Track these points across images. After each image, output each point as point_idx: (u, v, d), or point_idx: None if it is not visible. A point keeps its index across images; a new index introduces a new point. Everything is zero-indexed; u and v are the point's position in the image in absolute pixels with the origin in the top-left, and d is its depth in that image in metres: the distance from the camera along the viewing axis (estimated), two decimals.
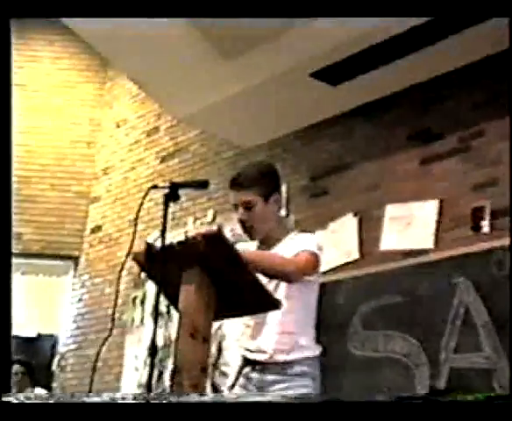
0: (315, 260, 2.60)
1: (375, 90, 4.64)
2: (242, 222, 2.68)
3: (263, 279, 2.51)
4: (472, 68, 4.31)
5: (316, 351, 2.66)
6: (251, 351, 2.66)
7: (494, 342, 3.83)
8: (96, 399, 1.79)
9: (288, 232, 2.76)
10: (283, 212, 4.96)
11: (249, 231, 2.69)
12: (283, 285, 2.61)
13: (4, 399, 1.80)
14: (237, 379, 2.66)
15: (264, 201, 2.66)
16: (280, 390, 2.54)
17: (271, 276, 2.58)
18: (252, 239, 2.72)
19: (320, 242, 2.70)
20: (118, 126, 6.93)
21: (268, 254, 2.62)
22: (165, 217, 2.37)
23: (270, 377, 2.59)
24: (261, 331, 2.64)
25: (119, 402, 1.75)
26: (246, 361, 2.67)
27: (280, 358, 2.59)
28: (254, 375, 2.62)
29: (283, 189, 5.11)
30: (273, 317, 2.60)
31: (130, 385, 5.60)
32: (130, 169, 6.64)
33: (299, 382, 2.57)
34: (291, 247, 2.63)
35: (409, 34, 4.07)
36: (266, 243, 2.71)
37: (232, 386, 2.66)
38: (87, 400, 1.80)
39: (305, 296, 2.65)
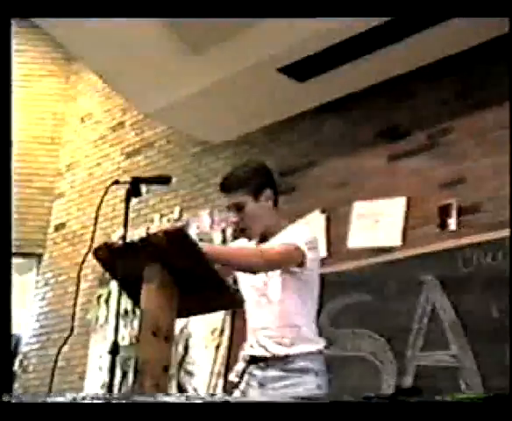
0: (295, 253, 2.57)
1: (343, 87, 4.63)
2: (236, 224, 2.69)
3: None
4: (439, 65, 4.32)
5: (319, 344, 2.64)
6: (253, 347, 2.65)
7: (460, 340, 3.84)
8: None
9: (286, 225, 2.73)
10: None
11: (244, 232, 2.69)
12: (276, 278, 2.60)
13: (4, 399, 1.80)
14: (241, 377, 2.64)
15: (254, 199, 2.66)
16: (282, 388, 2.52)
17: (236, 269, 2.57)
18: (249, 239, 2.72)
19: (311, 235, 2.68)
20: (83, 121, 6.83)
21: (232, 248, 2.63)
22: (126, 213, 2.35)
23: (272, 373, 2.57)
24: (262, 326, 2.63)
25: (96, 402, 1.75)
26: (250, 359, 2.65)
27: (283, 351, 2.58)
28: (257, 372, 2.61)
29: None
30: (271, 310, 2.60)
31: (94, 385, 5.52)
32: (95, 165, 6.56)
33: (301, 379, 2.54)
34: (284, 240, 2.62)
35: (377, 30, 4.07)
36: (264, 240, 2.70)
37: (237, 385, 2.64)
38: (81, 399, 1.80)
39: (300, 287, 2.62)
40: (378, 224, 4.40)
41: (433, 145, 4.32)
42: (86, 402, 1.75)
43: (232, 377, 2.70)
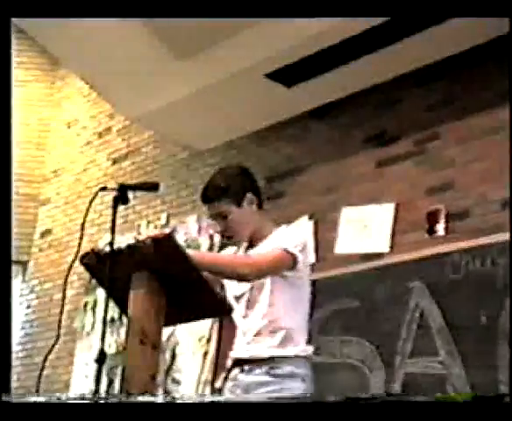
0: (285, 257, 2.53)
1: (331, 92, 4.62)
2: (222, 233, 2.67)
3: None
4: (427, 70, 4.32)
5: (307, 349, 2.60)
6: (239, 349, 2.62)
7: (448, 346, 3.83)
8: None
9: (274, 228, 2.71)
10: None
11: (231, 239, 2.67)
12: (267, 281, 2.57)
13: (4, 399, 1.80)
14: (225, 381, 2.62)
15: (237, 206, 2.62)
16: (266, 394, 2.46)
17: (225, 277, 2.55)
18: (237, 246, 2.70)
19: (302, 237, 2.65)
20: (69, 127, 6.79)
21: (221, 256, 2.60)
22: (113, 219, 2.33)
23: (257, 378, 2.53)
24: (250, 329, 2.60)
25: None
26: (235, 362, 2.62)
27: (268, 353, 2.54)
28: (242, 377, 2.57)
29: None
30: (260, 313, 2.57)
31: (79, 393, 5.46)
32: (81, 171, 6.52)
33: (287, 385, 2.50)
34: (274, 244, 2.59)
35: (365, 36, 4.06)
36: (253, 244, 2.67)
37: (220, 389, 2.64)
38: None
39: (291, 290, 2.59)
40: (366, 229, 4.39)
41: (421, 150, 4.32)
42: (86, 402, 1.77)
43: (219, 384, 2.68)
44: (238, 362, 2.61)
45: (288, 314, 2.58)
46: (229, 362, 2.66)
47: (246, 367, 2.57)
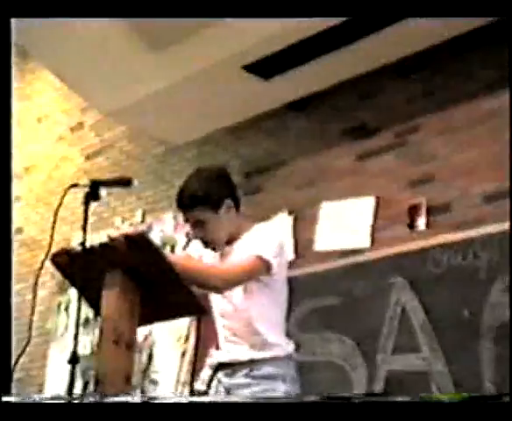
0: (259, 265, 2.52)
1: (309, 84, 4.57)
2: (201, 239, 2.62)
3: None
4: (407, 62, 4.27)
5: (287, 349, 2.59)
6: (219, 354, 2.62)
7: (431, 342, 3.80)
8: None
9: (251, 225, 2.67)
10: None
11: (210, 245, 2.63)
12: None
13: (4, 399, 1.81)
14: (209, 386, 2.61)
15: (214, 213, 2.58)
16: (248, 396, 2.47)
17: (196, 285, 2.48)
18: (214, 250, 2.65)
19: (277, 240, 2.62)
20: (40, 122, 6.68)
21: (195, 263, 2.54)
22: (85, 217, 2.28)
23: (238, 380, 2.53)
24: (227, 333, 2.60)
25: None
26: (217, 365, 2.61)
27: (247, 356, 2.53)
28: (225, 380, 2.57)
29: None
30: (236, 317, 2.57)
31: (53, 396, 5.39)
32: (53, 167, 6.41)
33: (267, 386, 2.49)
34: (248, 248, 2.56)
35: (344, 26, 4.01)
36: (229, 242, 2.65)
37: (205, 393, 2.60)
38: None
39: (265, 293, 2.57)
40: (346, 224, 4.35)
41: (401, 143, 4.29)
42: (86, 401, 1.80)
43: (199, 385, 2.66)
44: (219, 366, 2.61)
45: (265, 315, 2.57)
46: (209, 366, 2.65)
47: (228, 370, 2.57)
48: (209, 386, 2.61)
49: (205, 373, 2.66)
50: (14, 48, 6.56)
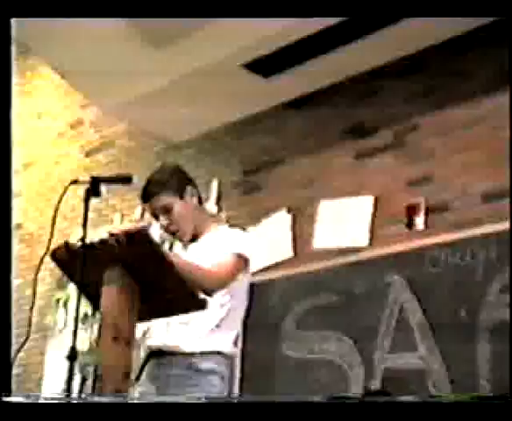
0: (242, 263, 2.55)
1: (308, 83, 4.57)
2: (166, 228, 2.66)
3: None
4: (406, 61, 4.27)
5: (230, 349, 2.59)
6: (157, 343, 2.58)
7: (428, 341, 3.80)
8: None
9: (216, 224, 2.73)
10: (214, 208, 4.84)
11: (176, 234, 2.66)
12: None
13: (4, 399, 1.81)
14: (140, 373, 2.57)
15: (180, 198, 2.64)
16: (186, 388, 2.45)
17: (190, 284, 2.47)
18: (182, 242, 2.68)
19: (251, 241, 2.65)
20: (40, 118, 6.66)
21: (191, 263, 2.49)
22: (86, 213, 2.29)
23: (176, 371, 2.51)
24: (170, 324, 2.57)
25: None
26: (151, 354, 2.58)
27: (189, 347, 2.52)
28: (160, 371, 2.54)
29: (214, 184, 4.99)
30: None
31: (51, 392, 5.38)
32: (53, 164, 6.40)
33: (206, 380, 2.49)
34: (217, 243, 2.58)
35: (343, 26, 4.01)
36: (195, 238, 2.67)
37: (137, 379, 2.56)
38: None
39: (231, 291, 2.57)
40: (345, 223, 4.35)
41: (400, 142, 4.28)
42: (86, 402, 1.83)
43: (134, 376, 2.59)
44: (155, 353, 2.57)
45: (217, 310, 2.55)
46: (144, 352, 2.61)
47: (164, 360, 2.54)
48: (140, 374, 2.56)
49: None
50: (14, 45, 6.56)
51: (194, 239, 2.67)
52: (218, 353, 2.55)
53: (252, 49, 4.29)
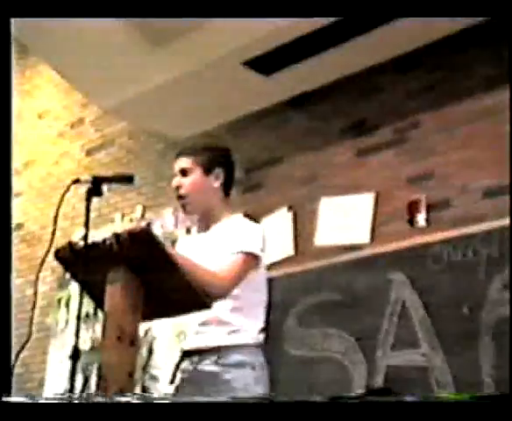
0: (251, 262, 2.50)
1: (309, 80, 4.55)
2: (176, 189, 2.59)
3: None
4: (406, 58, 4.26)
5: (258, 338, 2.56)
6: (188, 340, 2.58)
7: (430, 338, 3.80)
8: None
9: (229, 214, 2.65)
10: None
11: (183, 200, 2.59)
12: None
13: (4, 399, 1.82)
14: (174, 375, 2.57)
15: (203, 172, 2.58)
16: (217, 384, 2.43)
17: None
18: (186, 212, 2.62)
19: (264, 236, 2.59)
20: (40, 117, 6.65)
21: (198, 265, 2.42)
22: (87, 213, 2.28)
23: (206, 368, 2.49)
24: (202, 320, 2.54)
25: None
26: (183, 354, 2.57)
27: (216, 343, 2.49)
28: (191, 368, 2.52)
29: None
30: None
31: (53, 392, 5.37)
32: (53, 163, 6.38)
33: (236, 374, 2.46)
34: (231, 234, 2.52)
35: (343, 23, 4.00)
36: (205, 222, 2.62)
37: (171, 382, 2.57)
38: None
39: (245, 284, 2.52)
40: (346, 220, 4.34)
41: (401, 139, 4.27)
42: (85, 402, 1.80)
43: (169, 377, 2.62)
44: (187, 353, 2.56)
45: (240, 304, 2.52)
46: (177, 354, 2.61)
47: (195, 358, 2.52)
48: (175, 375, 2.56)
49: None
50: (14, 44, 6.57)
51: (208, 226, 2.61)
52: (245, 345, 2.51)
53: (252, 47, 4.27)
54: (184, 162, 2.59)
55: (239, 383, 2.44)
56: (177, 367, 2.57)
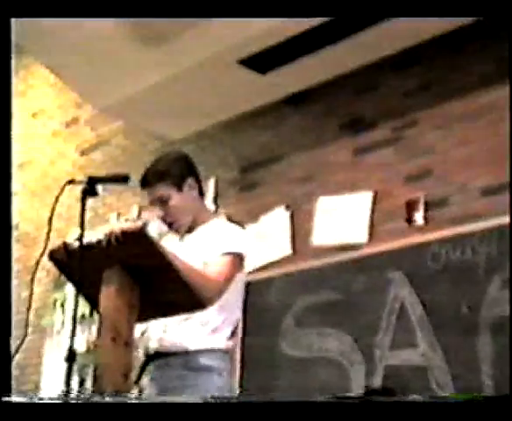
0: (235, 264, 2.50)
1: (306, 79, 4.54)
2: (162, 219, 2.62)
3: None
4: (403, 55, 4.24)
5: (226, 344, 2.54)
6: (152, 344, 2.54)
7: (429, 337, 3.79)
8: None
9: (214, 217, 2.69)
10: (212, 206, 4.80)
11: (172, 226, 2.62)
12: None
13: (4, 399, 1.82)
14: (139, 377, 2.53)
15: (178, 190, 2.59)
16: (184, 388, 2.41)
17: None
18: (178, 233, 2.64)
19: (246, 238, 2.62)
20: (34, 117, 6.64)
21: (191, 268, 2.39)
22: (82, 213, 2.26)
23: (173, 372, 2.47)
24: (167, 325, 2.52)
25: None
26: (149, 357, 2.54)
27: (183, 347, 2.48)
28: (157, 373, 2.50)
29: (211, 181, 4.96)
30: None
31: (49, 393, 5.35)
32: (48, 163, 6.37)
33: (203, 379, 2.45)
34: (213, 238, 2.53)
35: (340, 20, 3.99)
36: (192, 228, 2.63)
37: (136, 382, 2.52)
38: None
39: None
40: (343, 219, 4.33)
41: (399, 137, 4.26)
42: (86, 402, 1.81)
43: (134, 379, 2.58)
44: (153, 355, 2.53)
45: (221, 303, 2.48)
46: (141, 354, 2.57)
47: (160, 362, 2.50)
48: (138, 379, 2.52)
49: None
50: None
51: (190, 230, 2.63)
52: (214, 349, 2.50)
53: (248, 45, 4.26)
54: (159, 190, 2.59)
55: (203, 388, 2.41)
56: (142, 370, 2.54)
